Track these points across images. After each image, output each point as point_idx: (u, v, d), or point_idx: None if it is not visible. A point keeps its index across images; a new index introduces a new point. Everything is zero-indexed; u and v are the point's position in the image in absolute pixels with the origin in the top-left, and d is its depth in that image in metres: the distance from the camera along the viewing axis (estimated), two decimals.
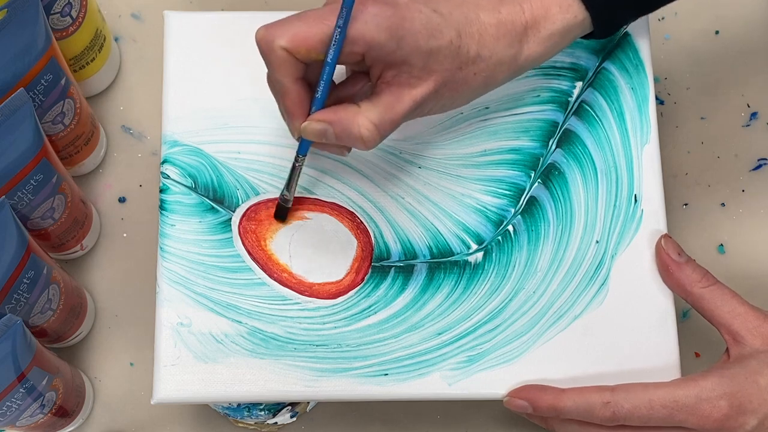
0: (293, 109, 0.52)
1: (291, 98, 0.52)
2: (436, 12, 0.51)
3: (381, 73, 0.52)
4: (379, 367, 0.56)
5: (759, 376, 0.53)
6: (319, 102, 0.52)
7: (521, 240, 0.59)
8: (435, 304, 0.57)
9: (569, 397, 0.54)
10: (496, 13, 0.53)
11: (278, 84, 0.52)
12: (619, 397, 0.53)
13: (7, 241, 0.53)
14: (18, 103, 0.54)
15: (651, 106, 0.61)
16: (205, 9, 0.74)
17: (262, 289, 0.57)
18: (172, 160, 0.59)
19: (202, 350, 0.56)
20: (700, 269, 0.56)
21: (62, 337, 0.64)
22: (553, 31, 0.54)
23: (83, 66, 0.67)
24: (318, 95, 0.52)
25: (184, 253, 0.58)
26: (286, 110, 0.53)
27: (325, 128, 0.52)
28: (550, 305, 0.57)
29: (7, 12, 0.53)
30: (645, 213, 0.59)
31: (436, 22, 0.51)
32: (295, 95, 0.52)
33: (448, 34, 0.51)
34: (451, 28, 0.51)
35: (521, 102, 0.61)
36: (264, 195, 0.59)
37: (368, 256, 0.58)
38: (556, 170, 0.60)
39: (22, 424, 0.58)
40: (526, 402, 0.55)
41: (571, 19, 0.54)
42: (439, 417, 0.66)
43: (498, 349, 0.57)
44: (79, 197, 0.64)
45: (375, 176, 0.60)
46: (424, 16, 0.51)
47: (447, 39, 0.51)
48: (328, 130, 0.52)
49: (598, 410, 0.53)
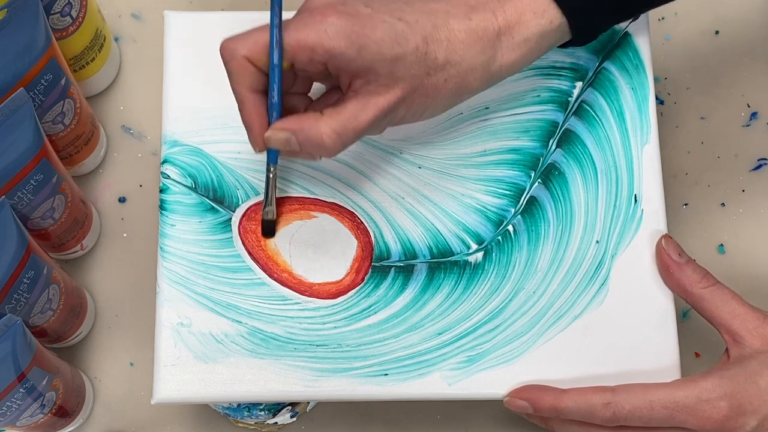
0: (250, 120, 0.52)
1: (247, 109, 0.52)
2: (402, 20, 0.51)
3: (350, 83, 0.52)
4: (379, 367, 0.56)
5: (759, 377, 0.53)
6: (276, 107, 0.52)
7: (521, 240, 0.59)
8: (435, 304, 0.57)
9: (570, 398, 0.54)
10: (467, 20, 0.52)
11: (237, 94, 0.52)
12: (620, 397, 0.53)
13: (7, 241, 0.53)
14: (18, 103, 0.54)
15: (651, 106, 0.61)
16: (205, 9, 0.74)
17: (262, 289, 0.57)
18: (172, 160, 0.59)
19: (202, 350, 0.56)
20: (700, 270, 0.56)
21: (62, 337, 0.64)
22: (528, 37, 0.53)
23: (83, 66, 0.67)
24: (274, 101, 0.52)
25: (184, 253, 0.58)
26: (244, 121, 0.53)
27: (288, 137, 0.52)
28: (550, 305, 0.57)
29: (7, 12, 0.53)
30: (645, 213, 0.59)
31: (401, 29, 0.51)
32: (252, 106, 0.52)
33: (413, 41, 0.51)
34: (417, 34, 0.51)
35: (521, 102, 0.61)
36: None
37: (368, 256, 0.58)
38: (556, 170, 0.60)
39: (22, 424, 0.58)
40: (526, 402, 0.55)
41: (546, 25, 0.54)
42: (439, 417, 0.66)
43: (498, 349, 0.57)
44: (79, 197, 0.64)
45: (375, 176, 0.60)
46: (387, 25, 0.51)
47: (412, 45, 0.51)
48: (291, 138, 0.52)
49: (598, 411, 0.53)
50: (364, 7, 0.51)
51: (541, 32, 0.54)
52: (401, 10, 0.52)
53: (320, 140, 0.51)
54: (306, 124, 0.51)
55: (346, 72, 0.51)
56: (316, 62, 0.51)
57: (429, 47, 0.51)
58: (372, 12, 0.51)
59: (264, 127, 0.52)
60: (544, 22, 0.53)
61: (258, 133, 0.53)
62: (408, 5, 0.52)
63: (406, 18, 0.51)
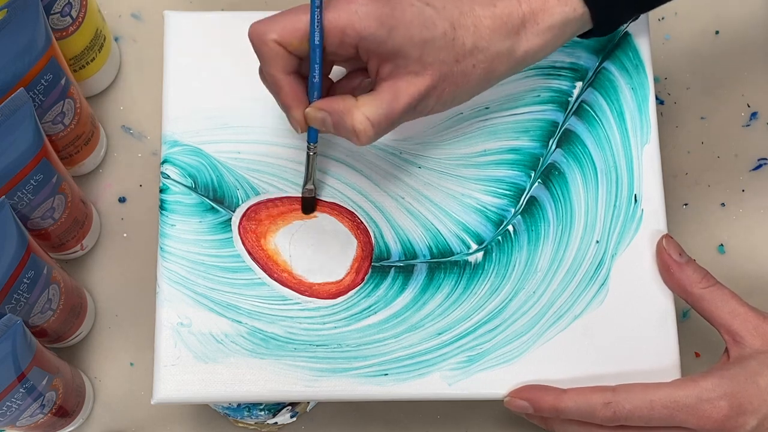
0: (289, 101, 0.53)
1: (285, 92, 0.52)
2: (429, 5, 0.52)
3: (378, 69, 0.52)
4: (379, 367, 0.56)
5: (759, 376, 0.53)
6: (317, 86, 0.53)
7: (521, 240, 0.59)
8: (435, 304, 0.57)
9: (570, 398, 0.54)
10: (492, 6, 0.53)
11: (272, 78, 0.52)
12: (620, 397, 0.53)
13: (7, 241, 0.53)
14: (18, 103, 0.54)
15: (651, 106, 0.61)
16: (205, 9, 0.74)
17: (262, 289, 0.57)
18: (172, 160, 0.59)
19: (202, 350, 0.56)
20: (700, 270, 0.56)
21: (62, 337, 0.64)
22: (552, 24, 0.54)
23: (83, 66, 0.67)
24: (315, 80, 0.52)
25: (184, 253, 0.58)
26: (283, 104, 0.53)
27: (324, 116, 0.52)
28: (550, 305, 0.57)
29: (7, 12, 0.53)
30: (645, 213, 0.59)
31: (429, 14, 0.51)
32: (289, 88, 0.52)
33: (441, 26, 0.51)
34: (445, 19, 0.51)
35: (521, 102, 0.61)
36: (264, 195, 0.59)
37: (368, 256, 0.58)
38: (556, 170, 0.60)
39: (22, 424, 0.58)
40: (526, 402, 0.55)
41: (570, 12, 0.54)
42: (439, 417, 0.66)
43: (498, 349, 0.57)
44: (79, 197, 0.64)
45: (375, 176, 0.60)
46: (415, 8, 0.51)
47: (441, 30, 0.51)
48: (327, 118, 0.52)
49: (599, 410, 0.53)
50: None
51: (565, 19, 0.54)
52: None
53: (352, 125, 0.51)
54: (340, 106, 0.52)
55: (375, 55, 0.51)
56: (347, 44, 0.51)
57: (456, 33, 0.52)
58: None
59: (304, 106, 0.53)
60: (568, 10, 0.54)
61: (299, 113, 0.53)
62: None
63: (434, 3, 0.52)
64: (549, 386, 0.55)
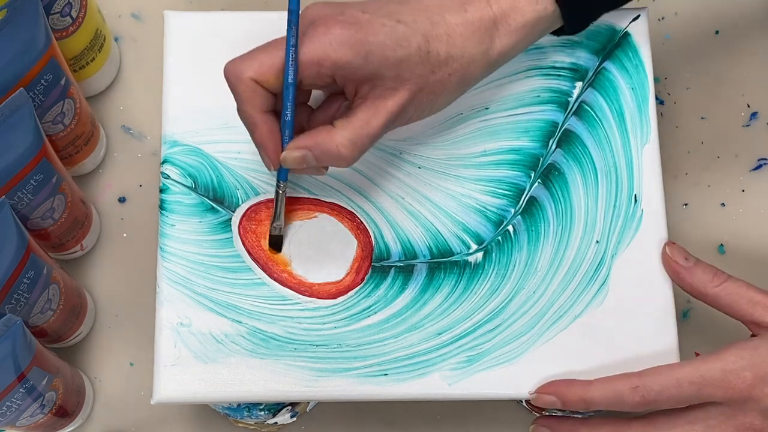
0: (264, 141, 0.53)
1: (261, 131, 0.52)
2: (400, 22, 0.52)
3: (356, 90, 0.52)
4: (379, 367, 0.56)
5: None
6: (289, 125, 0.53)
7: (521, 240, 0.59)
8: (435, 304, 0.57)
9: (597, 388, 0.54)
10: (462, 12, 0.53)
11: (249, 117, 0.52)
12: (647, 380, 0.53)
13: (7, 241, 0.53)
14: (18, 103, 0.54)
15: (651, 106, 0.61)
16: (205, 9, 0.74)
17: (262, 289, 0.57)
18: (172, 160, 0.59)
19: (202, 350, 0.56)
20: (709, 269, 0.56)
21: (62, 337, 0.64)
22: (525, 23, 0.54)
23: (83, 66, 0.67)
24: (287, 119, 0.52)
25: (184, 253, 0.58)
26: (258, 143, 0.53)
27: (304, 154, 0.52)
28: (550, 305, 0.57)
29: (7, 12, 0.53)
30: (645, 213, 0.59)
31: (401, 31, 0.51)
32: (265, 127, 0.52)
33: (415, 41, 0.51)
34: (418, 34, 0.52)
35: (521, 102, 0.61)
36: (264, 195, 0.59)
37: (368, 256, 0.58)
38: (556, 170, 0.60)
39: (22, 424, 0.58)
40: (554, 397, 0.55)
41: (542, 11, 0.55)
42: (439, 417, 0.66)
43: (498, 349, 0.57)
44: (79, 197, 0.64)
45: (375, 176, 0.60)
46: (387, 28, 0.51)
47: (414, 46, 0.51)
48: (308, 155, 0.52)
49: (627, 396, 0.53)
50: (362, 14, 0.51)
51: (536, 18, 0.55)
52: (398, 11, 0.52)
53: (337, 152, 0.52)
54: (320, 138, 0.52)
55: (352, 80, 0.52)
56: (323, 75, 0.51)
57: (431, 45, 0.52)
58: (370, 17, 0.51)
59: (278, 145, 0.53)
60: (539, 9, 0.55)
61: (273, 153, 0.53)
62: (403, 5, 0.53)
63: (404, 19, 0.52)
64: (574, 379, 0.55)
